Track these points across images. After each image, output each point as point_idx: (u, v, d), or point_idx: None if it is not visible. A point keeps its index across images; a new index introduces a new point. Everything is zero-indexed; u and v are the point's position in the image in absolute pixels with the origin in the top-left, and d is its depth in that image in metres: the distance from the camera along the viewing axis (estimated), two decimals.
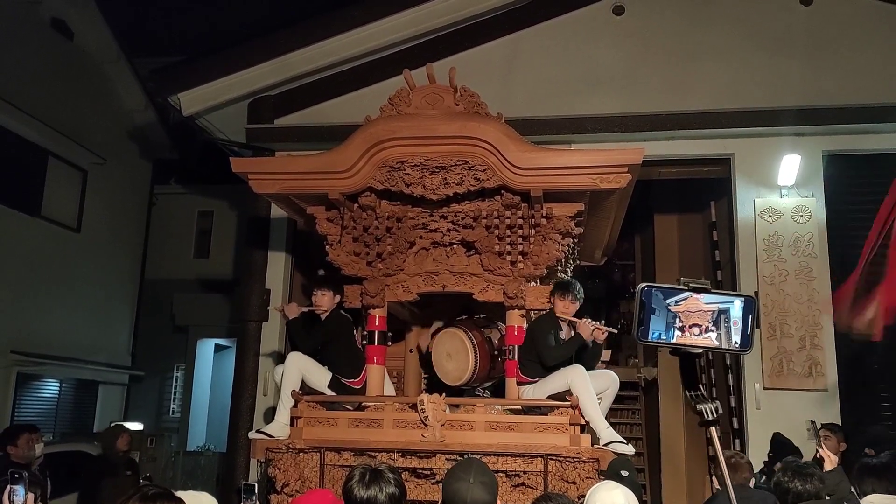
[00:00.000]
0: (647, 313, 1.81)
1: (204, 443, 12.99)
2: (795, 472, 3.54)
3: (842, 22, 7.24)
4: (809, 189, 7.06)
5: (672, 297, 1.82)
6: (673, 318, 1.81)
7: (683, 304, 1.81)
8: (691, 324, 1.82)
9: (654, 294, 1.82)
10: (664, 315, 1.81)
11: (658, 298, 1.82)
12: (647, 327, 1.82)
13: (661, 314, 1.81)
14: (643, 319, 1.81)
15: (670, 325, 1.81)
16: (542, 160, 4.73)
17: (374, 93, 7.19)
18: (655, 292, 1.82)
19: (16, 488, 2.80)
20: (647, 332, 1.82)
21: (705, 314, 1.82)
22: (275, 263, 7.89)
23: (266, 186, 5.11)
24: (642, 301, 1.82)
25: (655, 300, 1.82)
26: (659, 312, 1.81)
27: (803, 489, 3.49)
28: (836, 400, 6.64)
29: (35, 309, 10.86)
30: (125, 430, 7.44)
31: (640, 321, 1.82)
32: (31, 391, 11.34)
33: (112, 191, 12.60)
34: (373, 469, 2.71)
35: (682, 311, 1.81)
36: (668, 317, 1.81)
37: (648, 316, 1.81)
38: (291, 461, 4.85)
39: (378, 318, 5.29)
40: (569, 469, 4.51)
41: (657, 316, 1.81)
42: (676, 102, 7.23)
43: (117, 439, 7.15)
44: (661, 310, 1.81)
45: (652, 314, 1.81)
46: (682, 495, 9.49)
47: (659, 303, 1.81)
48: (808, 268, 6.87)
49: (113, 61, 12.56)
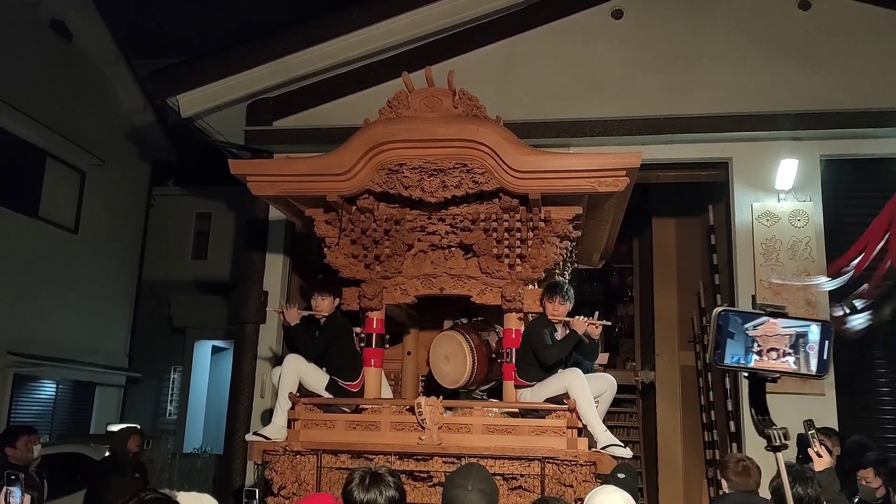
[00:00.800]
0: (723, 337, 1.82)
1: (201, 445, 12.98)
2: (796, 477, 3.53)
3: (840, 27, 7.25)
4: (807, 193, 7.07)
5: (750, 321, 1.82)
6: (751, 342, 1.82)
7: (761, 329, 1.82)
8: (769, 348, 1.83)
9: (732, 318, 1.83)
10: (742, 339, 1.82)
11: (736, 322, 1.83)
12: (724, 351, 1.82)
13: (739, 339, 1.82)
14: (720, 343, 1.82)
15: (749, 349, 1.82)
16: (541, 163, 4.73)
17: (372, 95, 7.19)
18: (733, 316, 1.83)
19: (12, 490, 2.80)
20: (724, 355, 1.83)
21: (783, 338, 1.83)
22: (273, 265, 7.89)
23: (264, 188, 5.11)
24: (719, 325, 1.83)
25: (733, 324, 1.83)
26: (737, 337, 1.82)
27: (804, 493, 3.48)
28: (833, 404, 6.64)
29: (32, 310, 10.85)
30: (138, 431, 7.48)
31: (716, 345, 1.83)
32: (28, 392, 11.33)
33: (110, 192, 12.61)
34: (373, 472, 2.71)
35: (760, 336, 1.82)
36: (747, 341, 1.82)
37: (725, 340, 1.82)
38: (288, 463, 4.85)
39: (376, 320, 5.29)
40: (566, 472, 4.51)
41: (735, 340, 1.82)
42: (675, 106, 7.24)
43: (129, 440, 7.18)
44: (739, 334, 1.82)
45: (729, 338, 1.82)
46: (679, 499, 9.49)
47: (737, 327, 1.82)
48: (806, 272, 6.88)
49: (112, 62, 12.58)
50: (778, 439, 1.85)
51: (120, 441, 7.31)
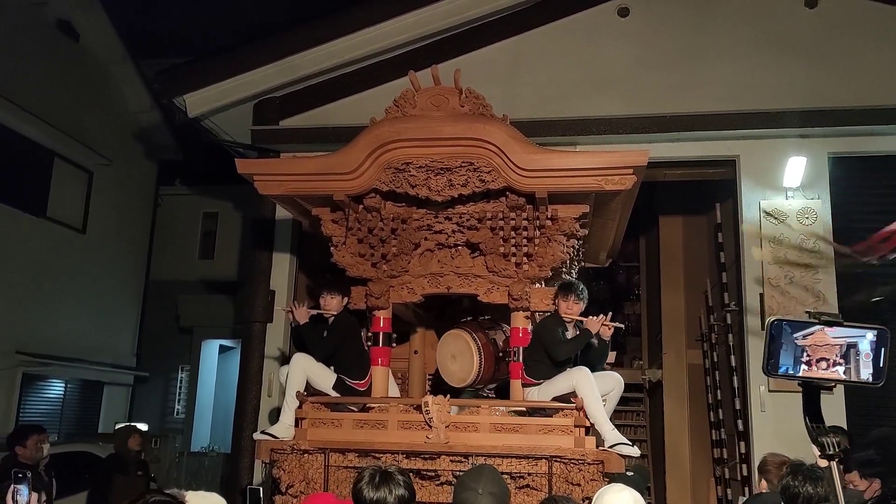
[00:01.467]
0: (776, 347, 1.80)
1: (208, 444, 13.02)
2: (806, 476, 3.51)
3: (847, 24, 7.22)
4: (815, 191, 7.04)
5: (801, 330, 1.80)
6: (801, 352, 1.80)
7: (811, 338, 1.80)
8: (818, 358, 1.80)
9: (784, 327, 1.81)
10: (792, 349, 1.80)
11: (787, 332, 1.81)
12: (777, 361, 1.81)
13: (789, 348, 1.80)
14: (773, 353, 1.81)
15: (798, 359, 1.80)
16: (548, 162, 4.73)
17: (379, 94, 7.20)
18: (785, 325, 1.81)
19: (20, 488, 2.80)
20: (778, 365, 1.81)
21: (833, 348, 1.80)
22: (279, 264, 7.90)
23: (271, 188, 5.11)
24: (772, 335, 1.81)
25: (784, 334, 1.81)
26: (787, 347, 1.80)
27: (814, 493, 3.46)
28: (842, 402, 6.61)
29: (40, 310, 10.90)
30: (137, 430, 7.50)
31: (769, 354, 1.81)
32: (36, 392, 11.38)
33: (117, 192, 12.65)
34: (382, 471, 2.72)
35: (810, 345, 1.80)
36: (796, 351, 1.80)
37: (779, 350, 1.80)
38: (296, 462, 4.85)
39: (383, 319, 5.29)
40: (573, 471, 4.51)
41: (785, 350, 1.80)
42: (681, 104, 7.22)
43: (129, 438, 7.20)
44: (788, 344, 1.80)
45: (781, 349, 1.80)
46: (687, 497, 9.47)
47: (787, 336, 1.80)
48: (814, 270, 6.85)
49: (118, 62, 12.62)
50: (832, 447, 1.83)
51: (120, 440, 7.33)
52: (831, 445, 1.83)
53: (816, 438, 1.84)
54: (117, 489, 6.60)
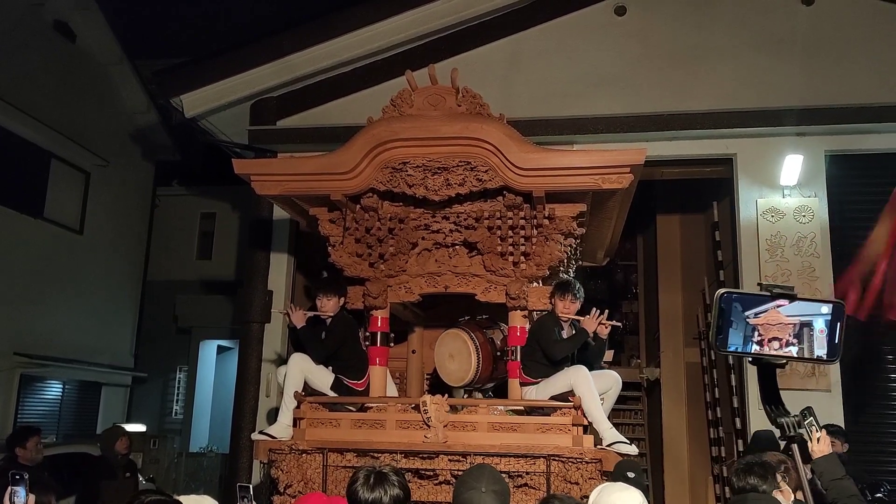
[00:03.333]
0: (725, 322, 1.72)
1: (207, 444, 13.01)
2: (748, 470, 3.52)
3: (844, 22, 7.23)
4: (812, 189, 7.05)
5: (752, 308, 1.72)
6: (752, 331, 1.72)
7: (763, 317, 1.71)
8: (770, 337, 1.72)
9: (734, 304, 1.72)
10: (742, 328, 1.72)
11: (737, 310, 1.72)
12: (727, 336, 1.73)
13: (738, 326, 1.72)
14: (721, 328, 1.72)
15: (748, 338, 1.72)
16: (545, 161, 4.73)
17: (376, 94, 7.20)
18: (735, 302, 1.72)
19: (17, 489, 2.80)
20: (727, 341, 1.73)
21: (786, 327, 1.71)
22: (277, 265, 7.89)
23: (268, 188, 5.11)
24: (721, 308, 1.72)
25: (734, 312, 1.72)
26: (737, 325, 1.72)
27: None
28: (839, 401, 6.63)
29: (38, 311, 10.89)
30: (124, 431, 7.40)
31: (718, 329, 1.72)
32: (35, 393, 11.36)
33: (115, 192, 12.64)
34: (377, 471, 2.72)
35: (762, 324, 1.71)
36: (747, 330, 1.72)
37: (728, 325, 1.72)
38: (294, 462, 4.85)
39: (380, 319, 5.30)
40: (571, 470, 4.51)
41: (735, 329, 1.72)
42: (678, 103, 7.23)
43: (116, 442, 7.10)
44: (739, 322, 1.72)
45: (730, 326, 1.72)
46: (685, 496, 9.48)
47: (738, 314, 1.72)
48: (811, 267, 6.86)
49: (115, 63, 12.60)
50: (792, 428, 1.78)
51: (107, 443, 7.22)
52: (791, 426, 1.79)
53: (775, 420, 1.78)
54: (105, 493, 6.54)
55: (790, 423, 1.79)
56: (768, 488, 3.33)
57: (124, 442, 7.16)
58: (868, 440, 6.83)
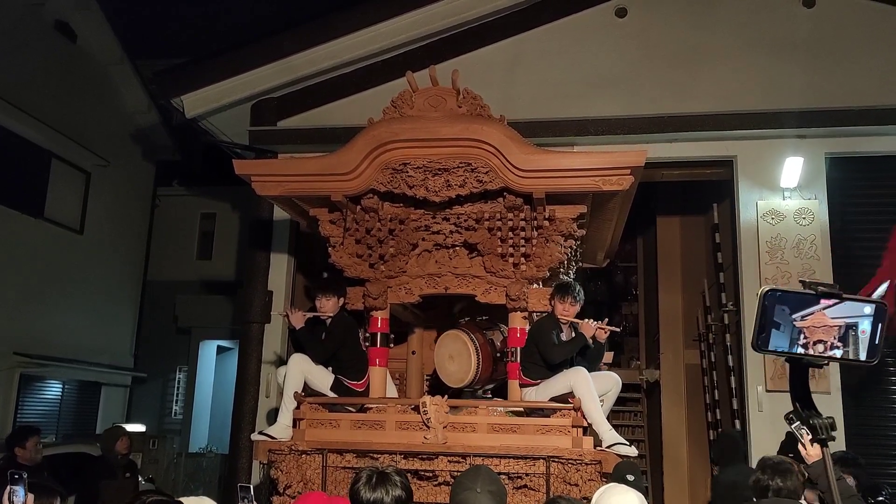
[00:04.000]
0: (768, 322, 1.67)
1: (206, 444, 13.00)
2: (774, 469, 3.53)
3: (844, 24, 7.23)
4: (812, 191, 7.05)
5: (799, 310, 1.68)
6: (798, 334, 1.68)
7: (810, 320, 1.68)
8: (815, 340, 1.68)
9: (779, 307, 1.67)
10: (789, 331, 1.68)
11: (783, 312, 1.67)
12: (769, 337, 1.68)
13: (785, 330, 1.68)
14: (764, 327, 1.67)
15: (794, 341, 1.68)
16: (545, 162, 4.73)
17: (376, 95, 7.20)
18: (780, 305, 1.67)
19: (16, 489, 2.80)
20: (768, 342, 1.68)
21: (831, 330, 1.68)
22: (277, 265, 7.89)
23: (269, 188, 5.12)
24: (765, 306, 1.67)
25: (779, 313, 1.67)
26: (784, 328, 1.68)
27: (783, 485, 3.47)
28: (840, 403, 6.62)
29: (38, 310, 10.88)
30: (124, 432, 7.39)
31: (760, 328, 1.67)
32: (34, 393, 11.36)
33: (115, 192, 12.64)
34: (379, 472, 2.72)
35: (808, 327, 1.68)
36: (793, 332, 1.68)
37: (770, 326, 1.67)
38: (294, 463, 4.86)
39: (380, 319, 5.30)
40: (571, 471, 4.51)
41: (780, 332, 1.68)
42: (679, 104, 7.23)
43: (116, 442, 7.09)
44: (786, 325, 1.68)
45: (774, 329, 1.67)
46: (684, 497, 9.47)
47: (784, 317, 1.67)
48: (812, 270, 6.86)
49: (116, 63, 12.60)
50: (825, 430, 1.76)
51: (108, 443, 7.21)
52: (824, 429, 1.76)
53: (808, 421, 1.76)
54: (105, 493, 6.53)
55: (823, 426, 1.76)
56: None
57: (125, 442, 7.15)
58: (869, 443, 6.83)
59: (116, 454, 7.08)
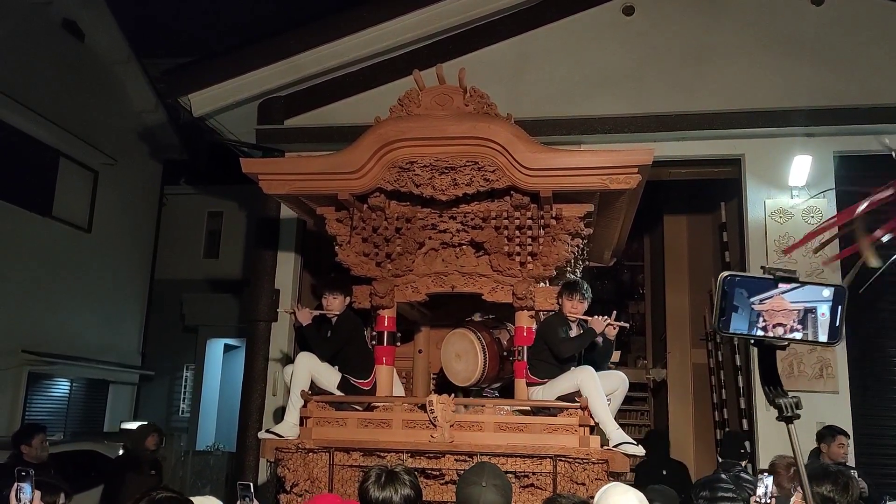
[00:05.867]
0: (728, 305, 1.74)
1: (213, 442, 13.03)
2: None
3: (853, 22, 7.20)
4: (820, 190, 7.02)
5: (757, 293, 1.74)
6: (756, 316, 1.74)
7: (769, 303, 1.74)
8: (775, 323, 1.74)
9: (738, 290, 1.74)
10: (747, 314, 1.74)
11: (742, 296, 1.74)
12: (729, 319, 1.75)
13: (744, 312, 1.74)
14: (724, 310, 1.74)
15: (753, 323, 1.74)
16: (552, 161, 4.72)
17: (383, 93, 7.21)
18: (738, 289, 1.74)
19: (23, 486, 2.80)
20: (729, 323, 1.75)
21: (790, 313, 1.74)
22: (284, 264, 7.91)
23: (276, 187, 5.12)
24: (724, 291, 1.74)
25: (738, 297, 1.74)
26: (742, 311, 1.74)
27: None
28: (847, 402, 6.60)
29: (46, 308, 10.93)
30: (156, 429, 7.50)
31: (721, 311, 1.74)
32: (42, 390, 11.41)
33: (122, 191, 12.68)
34: (389, 470, 2.72)
35: (767, 310, 1.74)
36: (752, 315, 1.74)
37: (730, 309, 1.74)
38: (301, 461, 4.86)
39: (387, 318, 5.30)
40: (578, 470, 4.50)
41: (739, 314, 1.74)
42: (687, 103, 7.21)
43: (146, 438, 7.21)
44: (744, 308, 1.74)
45: (734, 312, 1.74)
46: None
47: (742, 300, 1.74)
48: (820, 269, 6.83)
49: (123, 62, 12.64)
50: (790, 409, 1.80)
51: (138, 439, 7.34)
52: (789, 407, 1.80)
53: (773, 400, 1.80)
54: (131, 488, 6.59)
55: (788, 404, 1.81)
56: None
57: (154, 439, 7.27)
58: (876, 442, 6.80)
59: (145, 449, 7.17)
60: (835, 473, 3.18)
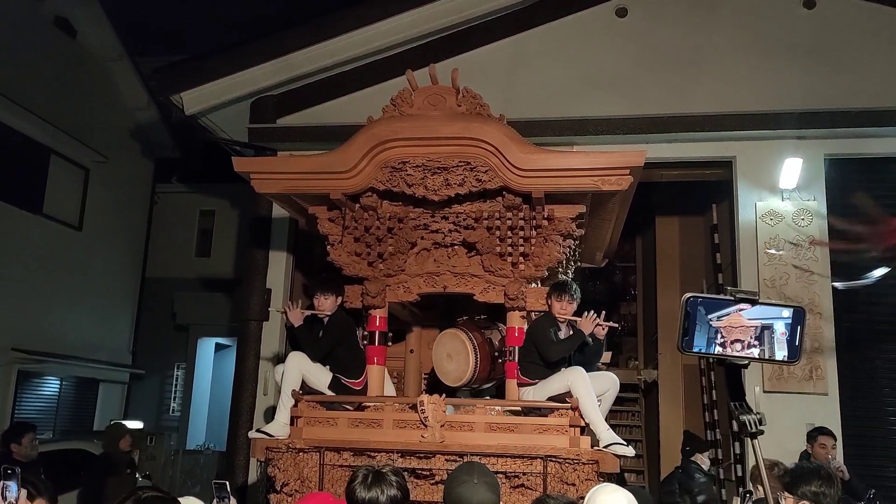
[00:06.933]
0: (691, 325, 1.79)
1: (204, 442, 13.01)
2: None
3: (844, 25, 7.24)
4: (811, 192, 7.06)
5: (715, 311, 1.79)
6: (714, 333, 1.79)
7: (726, 320, 1.79)
8: (733, 339, 1.79)
9: (699, 307, 1.79)
10: (706, 330, 1.79)
11: (700, 313, 1.79)
12: (692, 339, 1.80)
13: (702, 329, 1.79)
14: (688, 330, 1.79)
15: (711, 340, 1.79)
16: (544, 162, 4.73)
17: (376, 93, 7.20)
18: (699, 306, 1.79)
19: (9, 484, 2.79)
20: (692, 342, 1.80)
21: (748, 330, 1.79)
22: (276, 263, 7.90)
23: (268, 186, 5.11)
24: (687, 311, 1.79)
25: (699, 315, 1.79)
26: (701, 328, 1.79)
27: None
28: (836, 404, 6.63)
29: (36, 306, 10.88)
30: (128, 430, 7.46)
31: (684, 331, 1.79)
32: (32, 389, 11.36)
33: (114, 189, 12.63)
34: (375, 471, 2.72)
35: (724, 327, 1.78)
36: (710, 332, 1.79)
37: (693, 328, 1.79)
38: (291, 461, 4.85)
39: (379, 318, 5.29)
40: (568, 471, 4.51)
41: (699, 331, 1.79)
42: (679, 105, 7.23)
43: (120, 440, 7.17)
44: (702, 325, 1.79)
45: (695, 329, 1.79)
46: None
47: (701, 318, 1.79)
48: (809, 271, 6.87)
49: (116, 59, 12.59)
50: (753, 426, 1.84)
51: (111, 440, 7.29)
52: (753, 423, 1.84)
53: (738, 417, 1.84)
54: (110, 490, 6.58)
55: (752, 421, 1.85)
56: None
57: (128, 440, 7.24)
58: (865, 444, 6.84)
59: (120, 451, 7.12)
60: (815, 469, 3.23)
